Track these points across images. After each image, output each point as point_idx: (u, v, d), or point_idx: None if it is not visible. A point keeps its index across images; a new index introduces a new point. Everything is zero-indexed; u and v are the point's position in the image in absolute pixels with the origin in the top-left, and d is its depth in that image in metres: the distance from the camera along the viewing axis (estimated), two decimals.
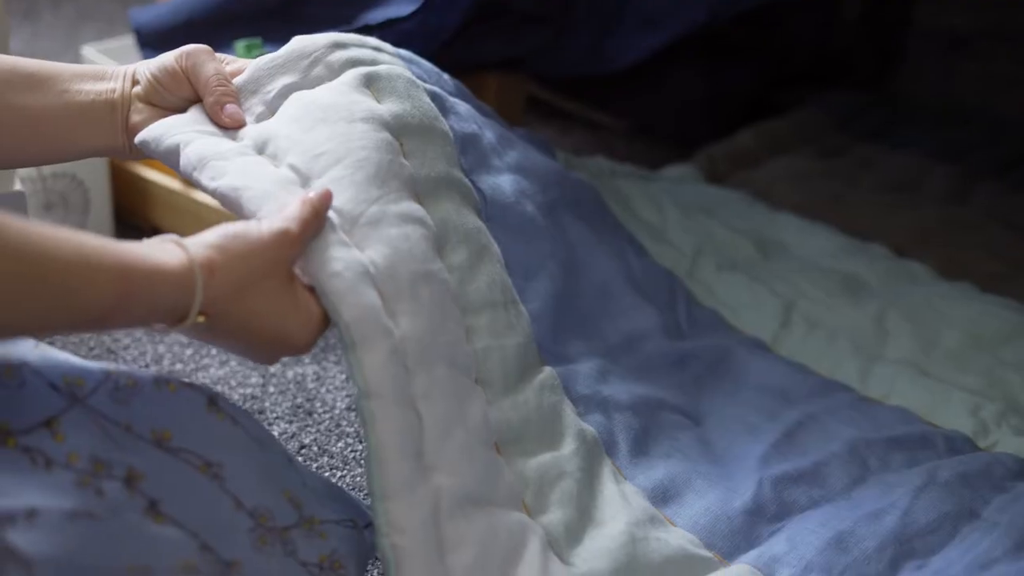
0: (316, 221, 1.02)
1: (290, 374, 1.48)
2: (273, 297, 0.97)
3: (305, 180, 1.09)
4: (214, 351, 1.51)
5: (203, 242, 0.94)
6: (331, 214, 1.07)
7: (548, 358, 1.24)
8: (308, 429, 1.39)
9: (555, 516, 1.11)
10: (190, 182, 1.11)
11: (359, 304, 1.01)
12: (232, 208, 1.07)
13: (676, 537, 1.15)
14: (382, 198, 1.10)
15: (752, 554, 1.16)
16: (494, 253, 1.22)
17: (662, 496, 1.21)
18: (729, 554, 1.16)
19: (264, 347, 1.00)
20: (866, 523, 1.19)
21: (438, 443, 1.03)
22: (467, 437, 1.06)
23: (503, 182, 1.32)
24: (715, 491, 1.22)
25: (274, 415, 1.40)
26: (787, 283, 1.62)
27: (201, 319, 0.93)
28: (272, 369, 1.48)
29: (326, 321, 1.02)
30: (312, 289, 1.02)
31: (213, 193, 1.07)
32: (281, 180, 1.08)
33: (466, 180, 1.24)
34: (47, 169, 1.65)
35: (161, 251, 0.91)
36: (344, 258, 1.03)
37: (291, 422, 1.40)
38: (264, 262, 0.96)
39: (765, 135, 2.13)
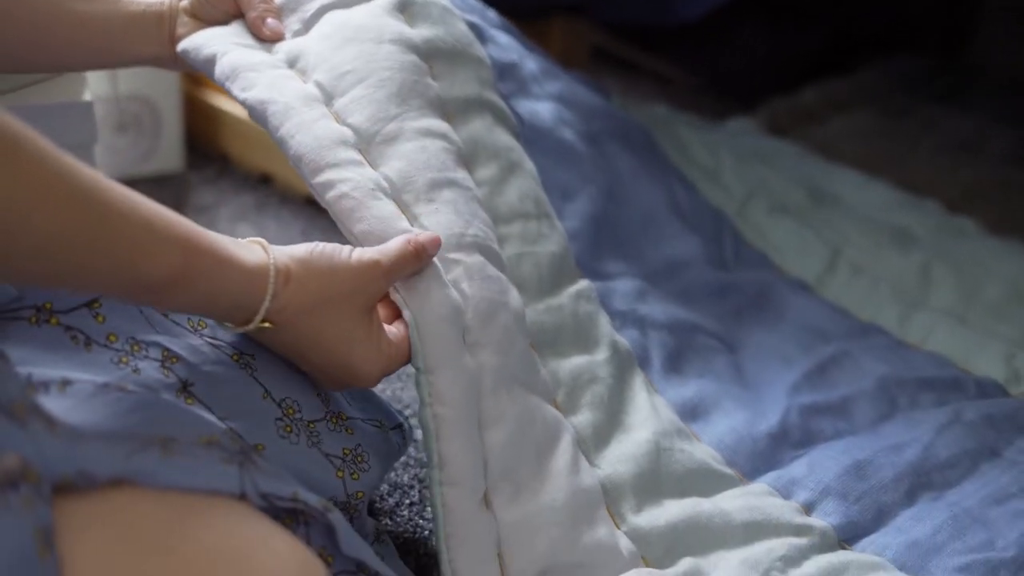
0: (414, 261, 1.02)
1: None
2: (344, 323, 0.97)
3: (329, 98, 1.14)
4: None
5: (288, 251, 0.95)
6: (348, 132, 1.12)
7: (586, 273, 1.28)
8: None
9: (585, 418, 1.15)
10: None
11: (368, 216, 1.06)
12: (258, 120, 1.12)
13: (700, 452, 1.19)
14: (401, 116, 1.14)
15: (771, 475, 1.19)
16: (527, 170, 1.26)
17: (691, 412, 1.24)
18: (750, 473, 1.20)
19: (327, 369, 1.00)
20: (886, 454, 1.21)
21: (483, 321, 1.07)
22: (509, 321, 1.10)
23: (542, 109, 1.36)
24: (743, 413, 1.26)
25: None
26: (836, 230, 1.64)
27: (267, 325, 0.94)
28: None
29: (396, 364, 1.02)
30: (404, 326, 1.03)
31: (243, 103, 1.12)
32: (306, 96, 1.13)
33: (501, 102, 1.27)
34: (121, 90, 1.70)
35: (242, 247, 0.92)
36: (352, 177, 1.08)
37: None
38: (343, 286, 0.96)
39: (829, 93, 2.14)
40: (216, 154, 1.84)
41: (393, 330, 1.02)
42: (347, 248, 0.98)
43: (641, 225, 1.44)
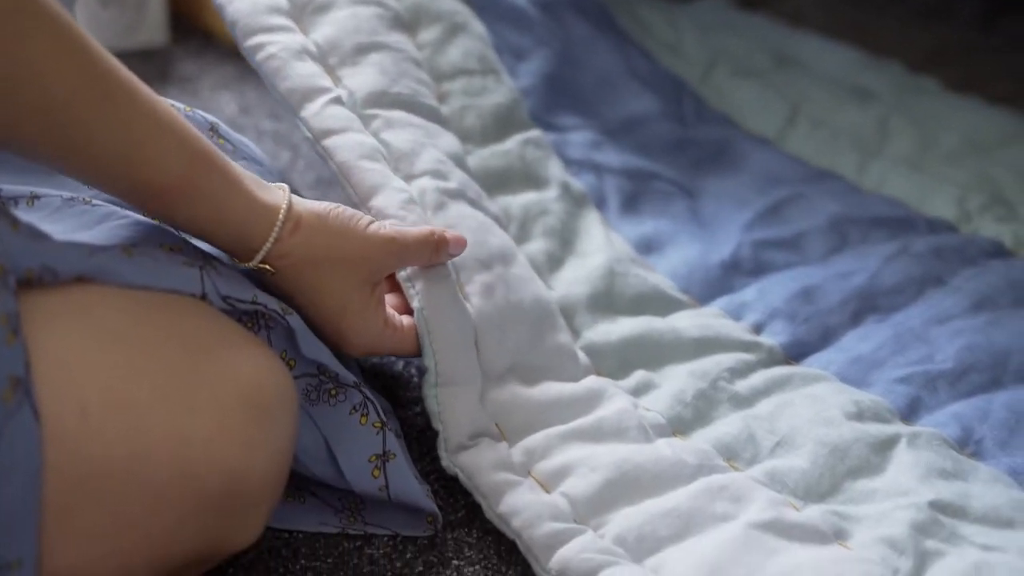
0: (432, 254, 1.03)
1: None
2: (342, 286, 0.97)
3: None
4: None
5: (307, 203, 0.96)
6: (282, 1, 1.19)
7: (540, 126, 1.35)
8: (329, 197, 1.47)
9: (537, 245, 1.21)
10: None
11: (292, 74, 1.14)
12: None
13: (654, 277, 1.24)
14: None
15: (723, 300, 1.25)
16: (474, 31, 1.34)
17: (646, 246, 1.30)
18: (702, 299, 1.25)
19: (317, 327, 0.99)
20: (834, 281, 1.27)
21: (410, 159, 1.14)
22: (440, 155, 1.17)
23: None
24: (697, 246, 1.31)
25: (300, 184, 1.49)
26: (798, 89, 1.67)
27: (266, 267, 0.94)
28: (302, 148, 1.57)
29: (388, 348, 1.03)
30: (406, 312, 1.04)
31: None
32: None
33: None
34: None
35: (259, 184, 0.94)
36: (280, 40, 1.16)
37: (314, 189, 1.49)
38: (350, 252, 0.97)
39: None
40: (200, 29, 1.88)
41: (399, 318, 1.03)
42: (367, 218, 0.99)
43: (597, 86, 1.50)
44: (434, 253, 1.03)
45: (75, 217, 0.91)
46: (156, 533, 0.82)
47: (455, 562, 0.97)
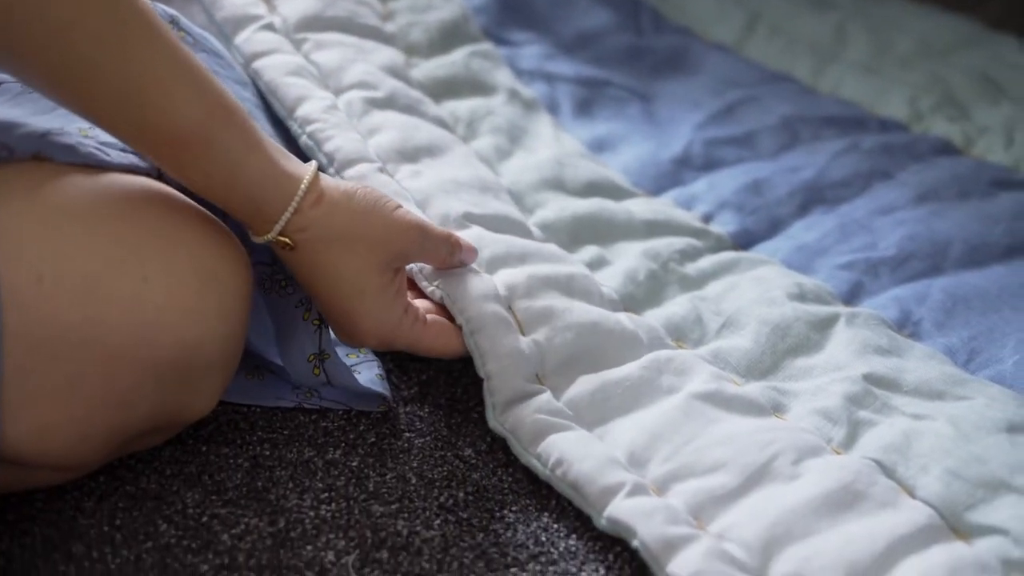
0: (447, 253, 1.00)
1: None
2: (360, 267, 0.93)
3: None
4: None
5: (335, 181, 0.93)
6: None
7: (493, 40, 1.41)
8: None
9: (485, 141, 1.25)
10: None
11: (227, 4, 1.22)
12: None
13: (605, 171, 1.28)
14: None
15: (673, 192, 1.28)
16: None
17: (598, 146, 1.33)
18: (653, 192, 1.28)
19: (329, 310, 0.96)
20: (783, 175, 1.30)
21: (338, 74, 1.21)
22: (372, 68, 1.23)
23: None
24: (648, 144, 1.34)
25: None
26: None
27: (285, 240, 0.90)
28: None
29: (406, 341, 0.99)
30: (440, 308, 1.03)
31: None
32: None
33: None
34: None
35: (286, 155, 0.91)
36: None
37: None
38: (373, 232, 0.93)
39: None
40: None
41: (422, 313, 1.00)
42: (394, 201, 0.95)
43: (550, 5, 1.55)
44: (449, 252, 1.00)
45: (33, 103, 0.92)
46: (111, 398, 0.84)
47: (407, 434, 1.00)
